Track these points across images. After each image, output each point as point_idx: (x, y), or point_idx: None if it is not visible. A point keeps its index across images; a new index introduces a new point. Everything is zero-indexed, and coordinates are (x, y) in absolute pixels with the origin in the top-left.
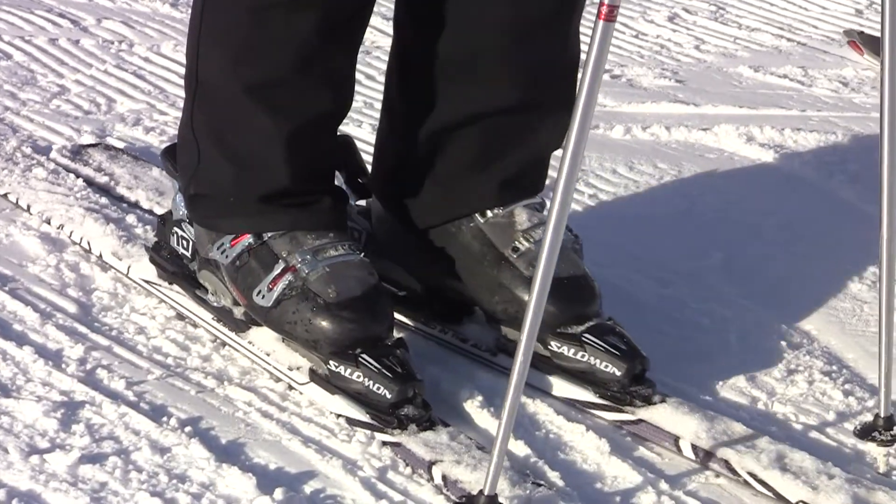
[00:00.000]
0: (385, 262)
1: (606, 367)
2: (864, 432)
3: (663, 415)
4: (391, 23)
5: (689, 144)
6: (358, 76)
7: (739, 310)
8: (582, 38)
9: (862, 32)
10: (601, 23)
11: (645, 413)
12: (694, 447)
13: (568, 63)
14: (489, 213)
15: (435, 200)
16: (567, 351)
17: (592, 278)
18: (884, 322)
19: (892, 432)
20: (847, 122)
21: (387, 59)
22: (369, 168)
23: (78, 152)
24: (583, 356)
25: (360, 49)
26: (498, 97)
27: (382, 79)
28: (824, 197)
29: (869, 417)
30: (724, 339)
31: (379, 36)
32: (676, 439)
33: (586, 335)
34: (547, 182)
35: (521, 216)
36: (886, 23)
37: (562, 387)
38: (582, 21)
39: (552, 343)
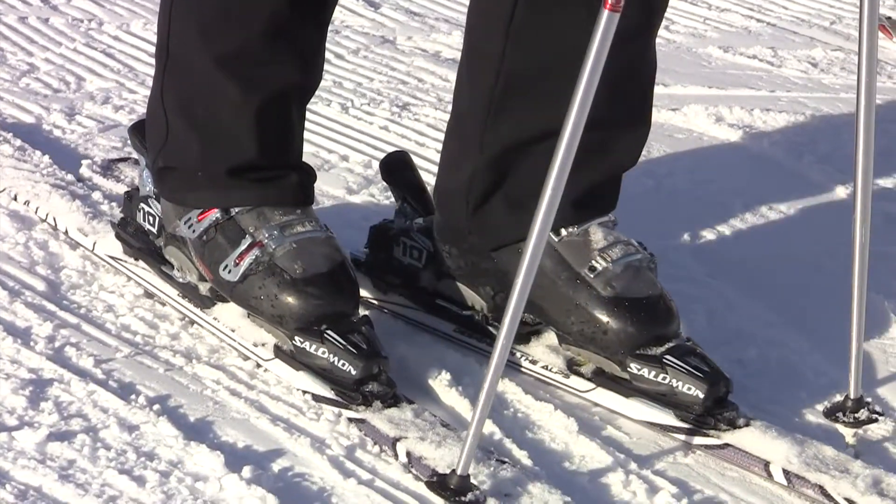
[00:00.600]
0: (448, 281)
1: (689, 389)
2: (831, 412)
3: (751, 439)
4: (362, 3)
5: (658, 124)
6: (327, 55)
7: (707, 289)
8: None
9: (890, 17)
10: (606, 12)
11: (731, 437)
12: (785, 472)
13: (646, 79)
14: (563, 232)
15: (507, 218)
16: (647, 373)
17: (670, 298)
18: (855, 303)
19: (856, 414)
20: (816, 102)
21: (356, 38)
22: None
23: (108, 167)
24: (664, 378)
25: (331, 28)
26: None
27: (352, 58)
28: (793, 177)
29: (839, 397)
30: (693, 319)
31: (349, 15)
32: (766, 464)
33: (667, 357)
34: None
35: (597, 234)
36: (865, 9)
37: (641, 410)
38: None
39: (632, 365)
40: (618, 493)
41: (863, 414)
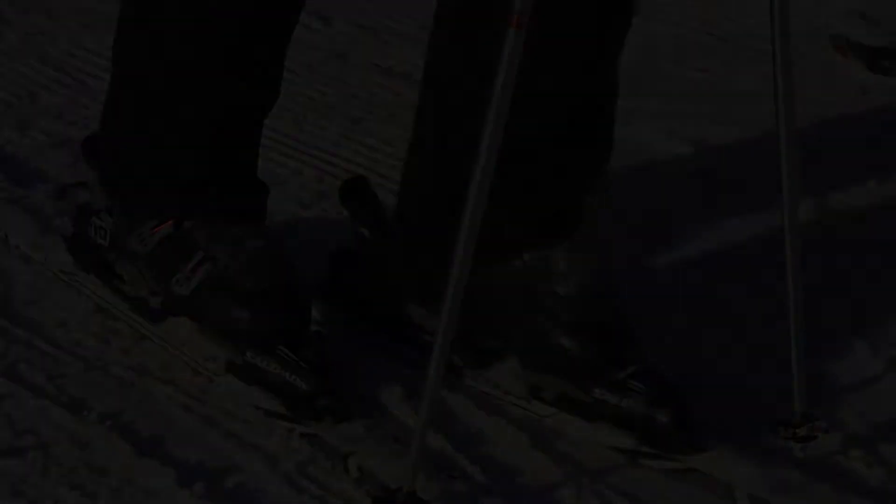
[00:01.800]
0: (411, 307)
1: (653, 413)
2: (774, 426)
3: (715, 463)
4: (314, 17)
5: None
6: None
7: (655, 305)
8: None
9: (848, 39)
10: (513, 31)
11: (696, 461)
12: (751, 497)
13: (608, 102)
14: (525, 257)
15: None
16: (611, 398)
17: (632, 321)
18: (792, 316)
19: (797, 430)
20: (770, 117)
21: (308, 52)
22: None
23: (62, 192)
24: (626, 403)
25: None
26: (532, 135)
27: (304, 72)
28: (745, 191)
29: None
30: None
31: (301, 30)
32: (731, 489)
33: (630, 381)
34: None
35: (559, 258)
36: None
37: (605, 435)
38: None
39: (595, 390)
40: None
41: (803, 430)
